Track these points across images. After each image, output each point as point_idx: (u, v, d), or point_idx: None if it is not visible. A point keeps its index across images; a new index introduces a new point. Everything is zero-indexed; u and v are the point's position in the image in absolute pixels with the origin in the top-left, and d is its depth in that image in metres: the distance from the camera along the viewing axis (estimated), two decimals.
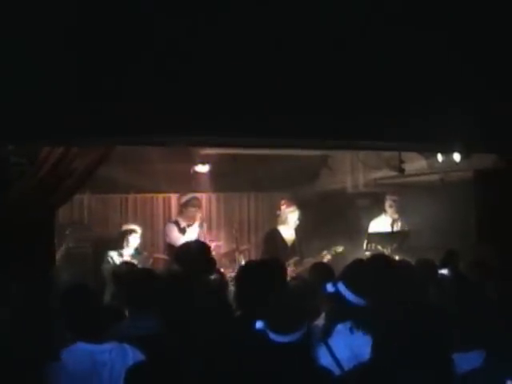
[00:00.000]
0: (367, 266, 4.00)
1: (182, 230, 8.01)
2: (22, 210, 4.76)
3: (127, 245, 7.57)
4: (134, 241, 7.67)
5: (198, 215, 8.30)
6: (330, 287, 3.68)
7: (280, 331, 3.07)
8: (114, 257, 7.41)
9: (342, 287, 3.60)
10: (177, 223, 8.13)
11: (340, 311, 3.64)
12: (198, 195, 8.67)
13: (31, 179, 4.81)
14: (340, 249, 8.19)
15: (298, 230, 8.39)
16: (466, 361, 3.05)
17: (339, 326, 3.56)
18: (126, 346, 3.44)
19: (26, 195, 4.80)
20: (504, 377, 2.86)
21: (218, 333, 3.49)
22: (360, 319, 3.50)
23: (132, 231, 7.69)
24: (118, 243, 7.59)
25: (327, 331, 3.58)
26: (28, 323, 3.54)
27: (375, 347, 3.08)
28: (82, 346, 3.34)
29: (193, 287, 4.23)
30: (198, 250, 5.32)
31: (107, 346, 3.40)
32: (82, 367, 3.27)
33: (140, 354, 3.43)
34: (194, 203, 8.26)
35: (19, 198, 4.78)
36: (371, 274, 3.73)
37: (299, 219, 8.31)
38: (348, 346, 3.45)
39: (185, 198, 8.36)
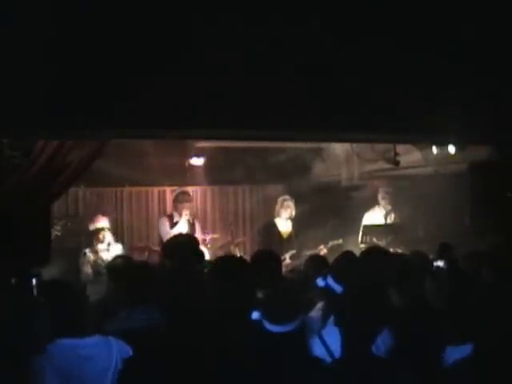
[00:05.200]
0: (356, 259, 4.03)
1: (174, 225, 7.97)
2: (17, 203, 4.75)
3: (100, 242, 7.56)
4: (106, 238, 7.65)
5: (187, 210, 8.23)
6: (320, 281, 3.71)
7: (275, 321, 3.09)
8: (89, 254, 7.38)
9: (330, 281, 3.63)
10: (170, 217, 8.08)
11: (331, 304, 3.67)
12: (186, 189, 8.61)
13: (26, 173, 4.80)
14: (338, 241, 8.19)
15: (294, 222, 8.41)
16: (458, 352, 3.07)
17: (332, 318, 3.58)
18: (111, 339, 3.40)
19: (20, 188, 4.79)
20: (499, 366, 2.89)
21: (212, 323, 3.50)
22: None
23: (100, 230, 7.65)
24: (91, 243, 7.55)
25: (322, 323, 3.60)
26: (16, 317, 3.54)
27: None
28: (64, 342, 3.29)
29: (186, 279, 4.24)
30: (185, 242, 5.31)
31: (91, 340, 3.34)
32: (66, 362, 3.21)
33: (126, 346, 3.38)
34: (180, 198, 8.17)
35: (14, 192, 4.77)
36: (359, 266, 3.75)
37: (293, 209, 8.31)
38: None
39: (174, 193, 8.31)
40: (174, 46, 4.35)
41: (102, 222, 7.78)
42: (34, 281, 4.78)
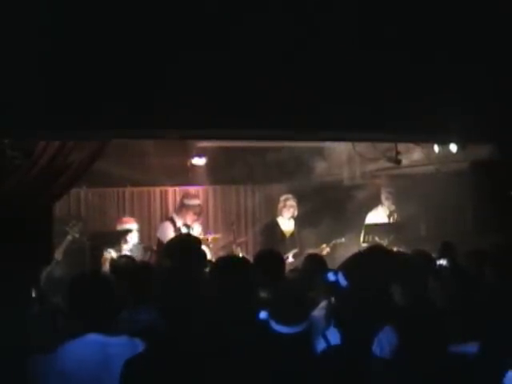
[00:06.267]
0: (368, 258, 4.02)
1: (178, 230, 7.92)
2: (19, 204, 4.75)
3: (125, 243, 7.57)
4: (132, 239, 7.67)
5: (199, 225, 8.26)
6: (331, 276, 3.69)
7: (285, 322, 3.09)
8: (113, 253, 7.40)
9: (341, 277, 3.62)
10: (172, 221, 7.97)
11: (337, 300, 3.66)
12: (201, 202, 8.59)
13: (27, 173, 4.80)
14: (341, 240, 8.21)
15: (296, 221, 8.42)
16: (461, 351, 3.07)
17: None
18: (138, 341, 3.32)
19: (21, 189, 4.79)
20: (502, 367, 2.87)
21: (215, 324, 3.49)
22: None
23: (128, 231, 7.67)
24: (116, 243, 7.57)
25: (326, 322, 3.59)
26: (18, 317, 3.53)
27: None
28: (93, 337, 3.23)
29: (188, 280, 4.22)
30: (187, 243, 5.30)
31: (119, 339, 3.28)
32: (92, 358, 3.17)
33: None
34: (197, 210, 8.11)
35: (15, 192, 4.77)
36: (371, 265, 3.74)
37: (296, 208, 8.34)
38: None
39: (190, 201, 8.10)
40: (174, 46, 4.35)
41: (131, 224, 7.81)
42: (34, 281, 4.81)
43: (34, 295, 4.51)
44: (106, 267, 7.12)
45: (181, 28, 4.36)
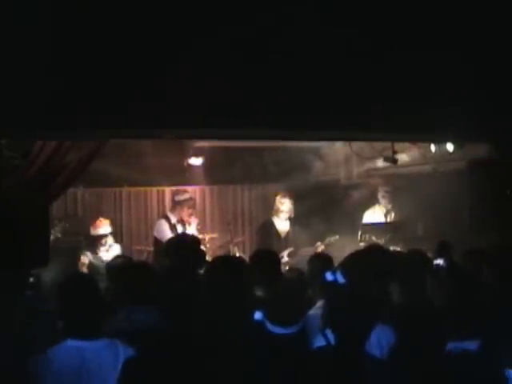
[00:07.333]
0: (365, 256, 4.03)
1: (173, 227, 7.96)
2: (16, 204, 4.74)
3: (102, 245, 7.55)
4: (107, 243, 7.64)
5: (195, 219, 8.28)
6: (329, 275, 3.70)
7: (279, 323, 3.09)
8: (88, 254, 7.38)
9: (339, 276, 3.63)
10: (167, 219, 8.05)
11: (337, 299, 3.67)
12: (192, 195, 8.62)
13: (25, 173, 4.79)
14: (335, 237, 8.21)
15: (292, 221, 8.42)
16: (459, 349, 3.07)
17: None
18: (118, 342, 3.35)
19: (19, 189, 4.78)
20: (501, 366, 2.88)
21: (212, 323, 3.50)
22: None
23: (103, 237, 7.63)
24: (92, 247, 7.53)
25: (325, 321, 3.60)
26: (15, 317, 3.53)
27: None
28: (71, 343, 3.26)
29: (187, 279, 4.23)
30: (187, 242, 5.31)
31: (98, 343, 3.31)
32: (70, 364, 3.20)
33: (131, 350, 3.33)
34: (191, 204, 8.20)
35: (13, 192, 4.76)
36: (369, 263, 3.75)
37: (292, 210, 8.34)
38: None
39: (181, 197, 8.21)
40: (173, 46, 4.35)
41: (105, 228, 7.74)
42: (32, 281, 4.81)
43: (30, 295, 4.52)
44: (84, 270, 7.10)
45: (176, 28, 4.36)
